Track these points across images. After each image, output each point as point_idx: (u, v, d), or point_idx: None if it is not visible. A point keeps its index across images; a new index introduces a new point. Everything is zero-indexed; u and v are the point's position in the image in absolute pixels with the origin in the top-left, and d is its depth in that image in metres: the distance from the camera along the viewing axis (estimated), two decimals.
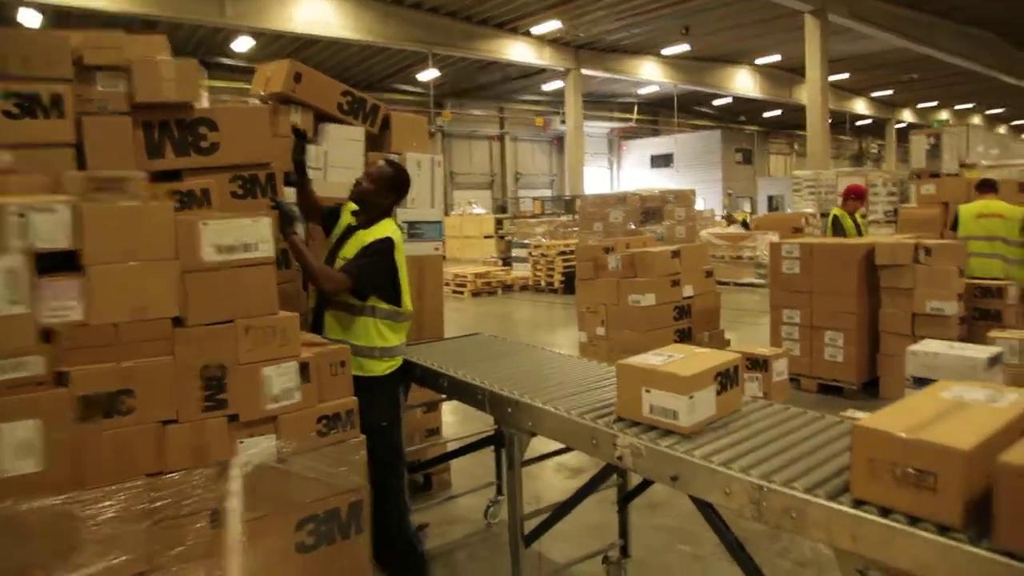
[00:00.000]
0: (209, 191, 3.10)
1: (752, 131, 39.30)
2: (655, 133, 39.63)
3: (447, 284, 15.08)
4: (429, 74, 25.34)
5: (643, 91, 34.69)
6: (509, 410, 2.86)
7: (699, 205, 29.76)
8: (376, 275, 3.13)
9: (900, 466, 1.73)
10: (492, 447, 3.80)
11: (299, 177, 3.43)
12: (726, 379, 2.45)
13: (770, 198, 34.47)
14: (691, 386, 2.30)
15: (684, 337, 6.44)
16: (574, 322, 8.63)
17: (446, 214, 29.40)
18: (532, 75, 29.27)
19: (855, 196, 7.80)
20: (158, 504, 2.38)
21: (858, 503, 1.79)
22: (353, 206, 3.33)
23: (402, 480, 3.31)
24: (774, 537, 3.64)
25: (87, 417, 2.31)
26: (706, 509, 2.21)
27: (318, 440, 2.71)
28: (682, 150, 36.02)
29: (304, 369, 2.69)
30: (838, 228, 7.66)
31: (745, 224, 18.77)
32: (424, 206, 4.26)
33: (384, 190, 3.28)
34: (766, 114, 39.16)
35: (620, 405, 2.45)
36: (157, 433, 2.42)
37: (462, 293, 14.78)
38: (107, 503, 2.31)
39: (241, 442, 2.56)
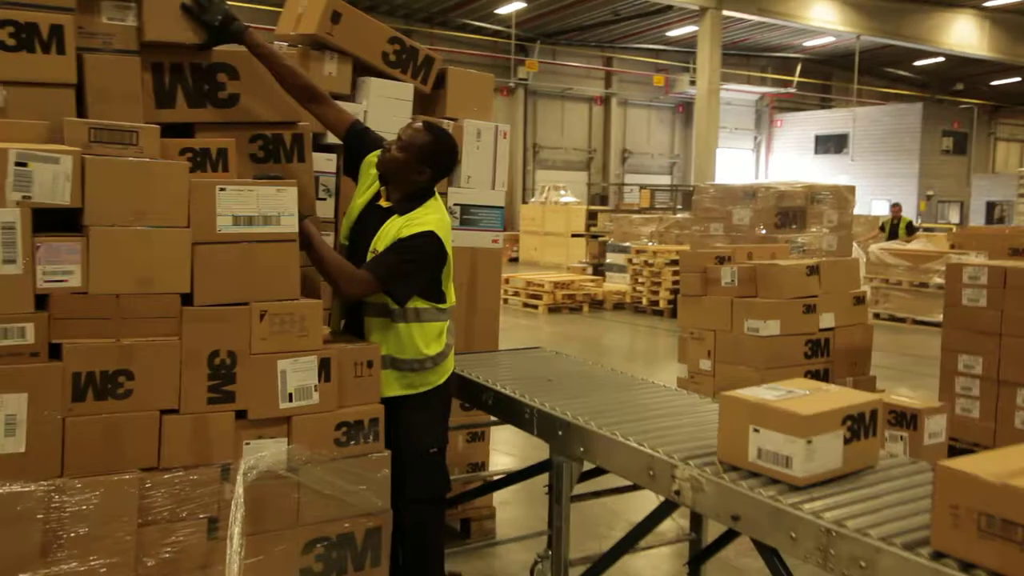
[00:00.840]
0: (227, 151, 3.54)
1: (971, 106, 38.53)
2: (824, 105, 39.35)
3: (516, 295, 15.69)
4: (510, 7, 25.93)
5: (811, 43, 34.62)
6: (560, 432, 3.34)
7: (879, 209, 29.39)
8: (411, 278, 3.44)
9: (985, 516, 2.11)
10: (546, 489, 4.25)
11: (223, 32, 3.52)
12: (859, 425, 2.74)
13: (990, 205, 33.75)
14: (811, 428, 2.56)
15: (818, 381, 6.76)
16: None
17: (524, 200, 30.18)
18: (652, 13, 29.50)
19: None
20: (148, 502, 2.94)
21: (937, 555, 2.18)
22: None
23: (443, 523, 3.73)
24: None
25: (79, 397, 2.87)
26: (771, 557, 2.64)
27: (336, 450, 3.25)
28: (862, 130, 35.62)
29: (325, 366, 3.22)
30: None
31: (910, 229, 18.40)
32: (483, 187, 4.78)
33: (416, 162, 3.47)
34: (995, 81, 38.27)
35: (722, 446, 2.82)
36: (155, 423, 2.98)
37: (536, 307, 15.39)
38: (90, 495, 2.86)
39: (248, 443, 3.12)
